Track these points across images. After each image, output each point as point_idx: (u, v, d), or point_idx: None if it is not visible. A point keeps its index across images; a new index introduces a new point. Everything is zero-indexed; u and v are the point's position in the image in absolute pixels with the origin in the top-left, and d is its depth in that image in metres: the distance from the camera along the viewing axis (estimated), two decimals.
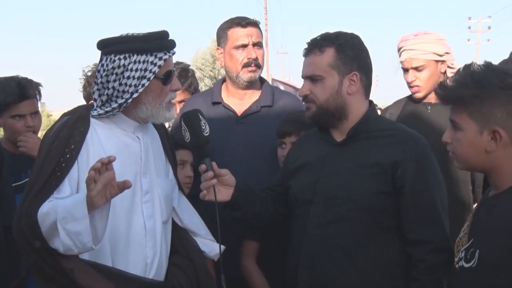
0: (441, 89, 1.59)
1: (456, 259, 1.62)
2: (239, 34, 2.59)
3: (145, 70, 1.81)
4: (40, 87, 2.74)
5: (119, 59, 1.80)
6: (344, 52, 1.94)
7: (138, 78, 1.81)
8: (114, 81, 1.82)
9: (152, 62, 1.82)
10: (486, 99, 1.49)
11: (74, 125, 1.84)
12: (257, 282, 2.34)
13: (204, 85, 27.02)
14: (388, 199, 1.89)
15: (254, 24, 2.61)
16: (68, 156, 1.78)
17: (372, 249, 1.91)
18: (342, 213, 1.91)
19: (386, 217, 1.91)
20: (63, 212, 1.63)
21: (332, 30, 2.04)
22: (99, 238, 1.68)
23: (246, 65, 2.58)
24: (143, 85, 1.82)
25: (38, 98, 2.74)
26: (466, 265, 1.52)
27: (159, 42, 1.84)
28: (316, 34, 2.04)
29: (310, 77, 1.98)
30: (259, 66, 2.60)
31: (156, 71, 1.82)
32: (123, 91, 1.82)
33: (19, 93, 2.60)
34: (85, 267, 1.74)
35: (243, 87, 2.65)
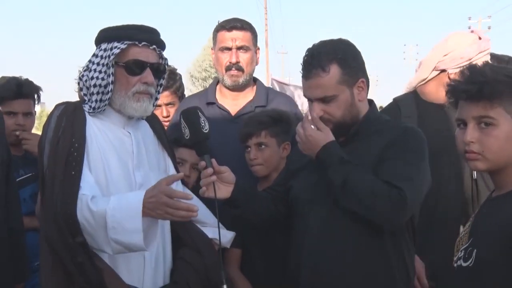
0: (472, 84, 1.53)
1: (454, 258, 1.61)
2: (224, 37, 2.65)
3: (108, 57, 1.83)
4: (40, 91, 2.76)
5: (95, 51, 1.86)
6: (348, 65, 1.93)
7: (104, 65, 1.83)
8: (89, 71, 1.86)
9: (114, 47, 1.82)
10: None
11: (73, 115, 1.85)
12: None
13: (208, 84, 27.00)
14: None
15: (241, 28, 2.64)
16: (77, 145, 1.79)
17: (374, 249, 1.90)
18: (343, 213, 1.90)
19: None
20: (112, 221, 1.64)
21: (332, 30, 2.09)
22: (151, 240, 1.69)
23: (228, 68, 2.64)
24: (108, 72, 1.83)
25: (35, 101, 2.76)
26: (464, 264, 1.52)
27: (129, 31, 1.85)
28: (316, 34, 2.12)
29: (321, 99, 1.95)
30: (241, 70, 2.64)
31: (116, 53, 1.82)
32: (96, 78, 1.85)
33: (15, 90, 2.63)
34: (111, 270, 1.75)
35: (231, 89, 2.69)
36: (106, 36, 1.87)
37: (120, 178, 1.86)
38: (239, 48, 2.63)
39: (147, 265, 1.89)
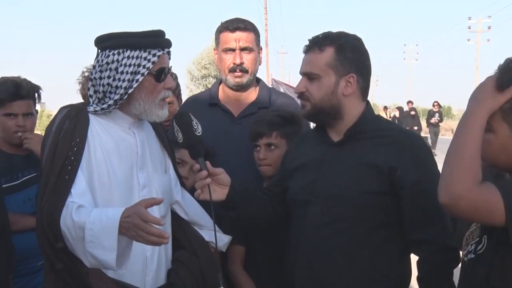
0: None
1: (464, 252, 1.61)
2: (228, 38, 2.62)
3: (139, 65, 1.83)
4: (40, 91, 2.74)
5: (113, 54, 1.83)
6: (343, 53, 1.93)
7: (132, 73, 1.83)
8: (108, 77, 1.84)
9: (145, 58, 1.84)
10: None
11: (76, 118, 1.86)
12: (244, 286, 2.33)
13: (208, 83, 26.93)
14: (386, 199, 1.89)
15: (244, 28, 2.63)
16: (75, 149, 1.80)
17: (370, 249, 1.91)
18: (340, 213, 1.92)
19: (384, 217, 1.91)
20: (90, 235, 1.64)
21: (332, 30, 2.03)
22: (124, 260, 1.68)
23: (232, 70, 2.62)
24: (137, 80, 1.83)
25: (35, 100, 2.73)
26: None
27: (153, 39, 1.86)
28: (316, 33, 2.02)
29: (307, 74, 1.98)
30: (245, 71, 2.63)
31: (150, 67, 1.84)
32: (117, 87, 1.84)
33: (13, 91, 2.60)
34: (98, 272, 1.74)
35: (235, 90, 2.68)
36: (130, 43, 1.84)
37: (123, 179, 1.87)
38: (243, 49, 2.61)
39: (149, 266, 1.90)
